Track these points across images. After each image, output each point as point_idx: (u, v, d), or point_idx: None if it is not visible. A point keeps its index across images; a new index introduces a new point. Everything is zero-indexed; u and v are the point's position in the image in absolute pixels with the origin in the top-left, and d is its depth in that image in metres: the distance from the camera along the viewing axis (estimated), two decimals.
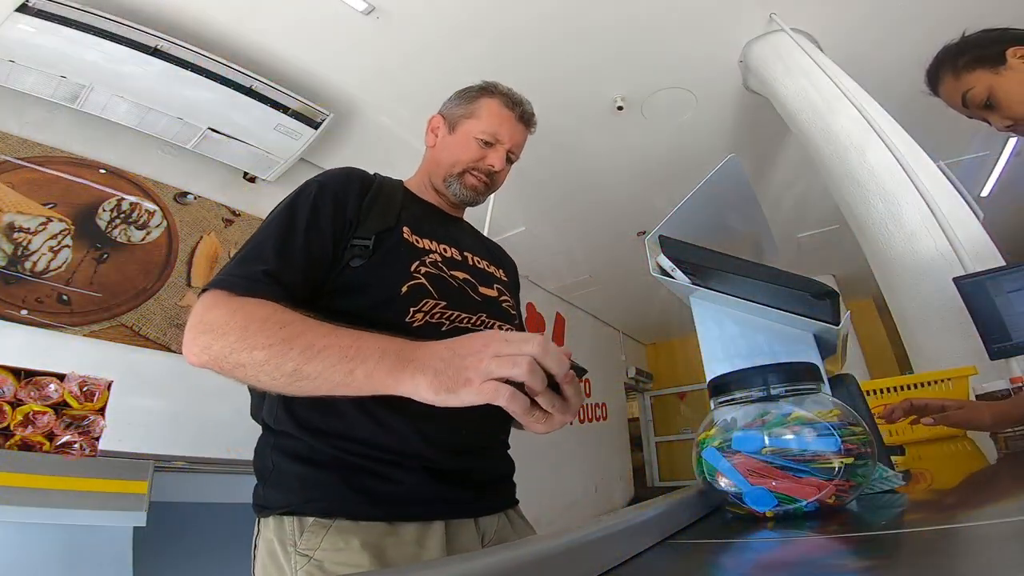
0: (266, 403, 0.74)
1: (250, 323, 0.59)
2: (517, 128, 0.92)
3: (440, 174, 0.91)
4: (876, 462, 0.47)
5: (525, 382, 0.48)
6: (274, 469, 0.70)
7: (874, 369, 5.68)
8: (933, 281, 1.75)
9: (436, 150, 0.94)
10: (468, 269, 0.85)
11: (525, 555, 0.27)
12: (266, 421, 0.73)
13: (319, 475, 0.67)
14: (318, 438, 0.69)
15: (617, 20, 2.53)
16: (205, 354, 0.60)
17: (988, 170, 3.84)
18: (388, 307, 0.73)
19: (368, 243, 0.75)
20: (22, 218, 2.11)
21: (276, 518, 0.66)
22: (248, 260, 0.70)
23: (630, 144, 3.42)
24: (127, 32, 2.11)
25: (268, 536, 0.66)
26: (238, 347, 0.57)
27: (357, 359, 0.54)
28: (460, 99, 0.94)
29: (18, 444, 1.30)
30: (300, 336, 0.57)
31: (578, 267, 5.22)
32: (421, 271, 0.77)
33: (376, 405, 0.67)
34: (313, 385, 0.56)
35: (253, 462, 0.74)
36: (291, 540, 0.64)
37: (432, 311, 0.75)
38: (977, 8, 2.26)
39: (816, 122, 2.31)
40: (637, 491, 6.94)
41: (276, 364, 0.56)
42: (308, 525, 0.64)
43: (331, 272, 0.74)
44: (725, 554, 0.39)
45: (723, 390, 0.52)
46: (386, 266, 0.76)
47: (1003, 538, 0.31)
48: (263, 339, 0.57)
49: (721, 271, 0.66)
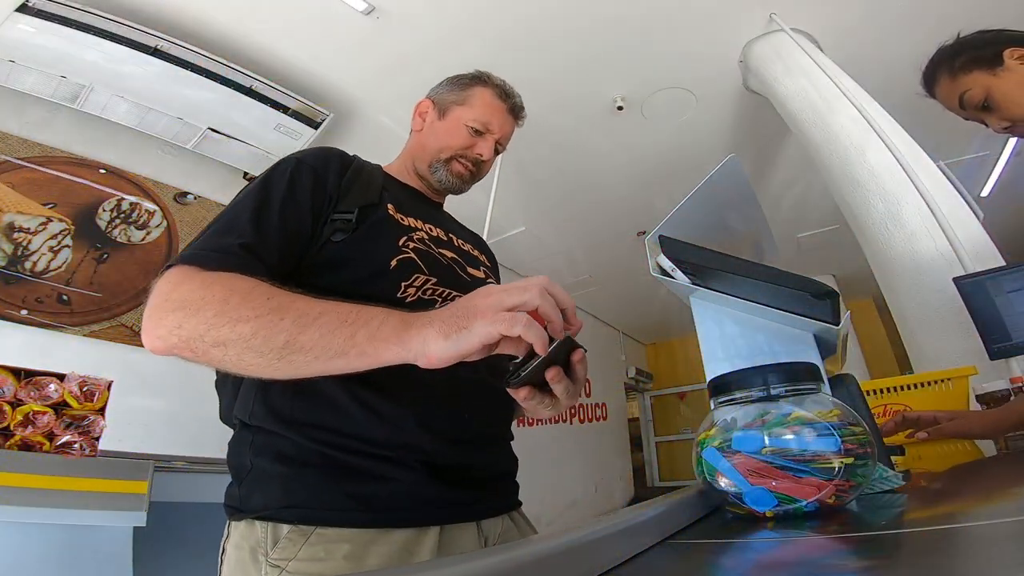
0: (239, 399, 0.66)
1: (231, 295, 0.53)
2: (507, 120, 0.91)
3: (426, 159, 0.89)
4: (876, 462, 0.47)
5: (539, 306, 0.48)
6: (252, 469, 0.62)
7: (874, 369, 5.68)
8: (933, 281, 1.75)
9: (423, 135, 0.91)
10: (455, 250, 0.82)
11: (525, 555, 0.27)
12: (240, 419, 0.66)
13: (302, 476, 0.60)
14: (301, 433, 0.62)
15: (617, 20, 2.53)
16: (174, 336, 0.52)
17: (988, 170, 3.84)
18: (377, 282, 0.68)
19: (351, 216, 0.70)
20: (22, 218, 2.11)
21: (248, 522, 0.60)
22: (220, 234, 0.63)
23: (630, 144, 3.42)
24: (127, 32, 2.11)
25: (238, 542, 0.60)
26: (218, 322, 0.51)
27: (358, 323, 0.51)
28: (452, 85, 0.92)
29: (18, 444, 1.30)
30: (291, 305, 0.52)
31: (578, 267, 5.22)
32: (409, 246, 0.73)
33: (368, 391, 0.62)
34: (306, 359, 0.51)
35: (227, 460, 0.67)
36: (263, 548, 0.57)
37: (424, 287, 0.71)
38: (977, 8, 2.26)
39: (816, 122, 2.31)
40: (637, 491, 6.95)
41: (265, 337, 0.50)
42: (284, 533, 0.57)
43: (310, 248, 0.68)
44: (725, 554, 0.39)
45: (723, 390, 0.52)
46: (372, 240, 0.71)
47: (1003, 538, 0.31)
48: (248, 311, 0.51)
49: (721, 271, 0.66)
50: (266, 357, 0.50)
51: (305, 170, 0.72)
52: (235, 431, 0.67)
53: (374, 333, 0.50)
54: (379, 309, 0.52)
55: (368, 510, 0.59)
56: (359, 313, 0.51)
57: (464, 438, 0.68)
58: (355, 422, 0.62)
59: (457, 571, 0.23)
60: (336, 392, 0.62)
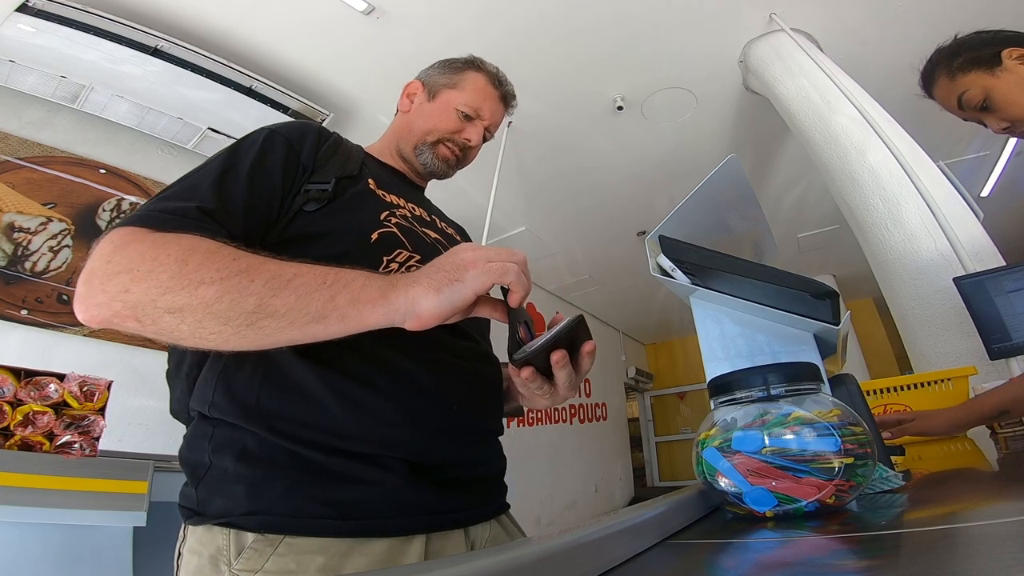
0: (197, 389, 0.59)
1: (190, 256, 0.46)
2: (499, 107, 0.89)
3: (412, 140, 0.85)
4: (876, 462, 0.47)
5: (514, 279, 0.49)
6: (211, 467, 0.55)
7: (874, 369, 5.69)
8: (933, 281, 1.75)
9: (410, 115, 0.88)
10: (438, 231, 0.79)
11: (525, 555, 0.27)
12: (198, 410, 0.58)
13: (269, 479, 0.53)
14: (268, 427, 0.54)
15: (617, 20, 2.53)
16: (118, 301, 0.45)
17: (988, 170, 3.84)
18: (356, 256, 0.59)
19: (327, 186, 0.65)
20: (22, 218, 2.11)
21: (208, 528, 0.53)
22: (177, 197, 0.55)
23: (630, 144, 3.42)
24: (127, 32, 2.11)
25: (195, 547, 0.53)
26: (175, 285, 0.45)
27: (338, 285, 0.47)
28: (444, 68, 0.90)
29: (18, 444, 1.30)
30: (261, 267, 0.47)
31: (578, 267, 5.22)
32: (391, 221, 0.68)
33: (343, 378, 0.56)
34: (279, 325, 0.46)
35: (180, 456, 0.59)
36: (224, 558, 0.51)
37: (407, 263, 0.65)
38: (977, 8, 2.27)
39: (816, 122, 2.32)
40: (637, 491, 6.95)
41: (232, 301, 0.45)
42: (249, 542, 0.51)
43: (278, 222, 0.62)
44: (725, 554, 0.39)
45: (723, 390, 0.52)
46: (351, 211, 0.65)
47: (1003, 538, 0.31)
48: (212, 272, 0.45)
49: (721, 271, 0.66)
50: (231, 324, 0.45)
51: (278, 140, 0.66)
52: (191, 425, 0.60)
53: (356, 295, 0.47)
54: (358, 271, 0.49)
55: (344, 518, 0.53)
56: (337, 275, 0.48)
57: (451, 432, 0.61)
58: (329, 414, 0.55)
59: (457, 571, 0.23)
60: (308, 379, 0.56)
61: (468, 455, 0.64)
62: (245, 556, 0.50)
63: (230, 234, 0.53)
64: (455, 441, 0.62)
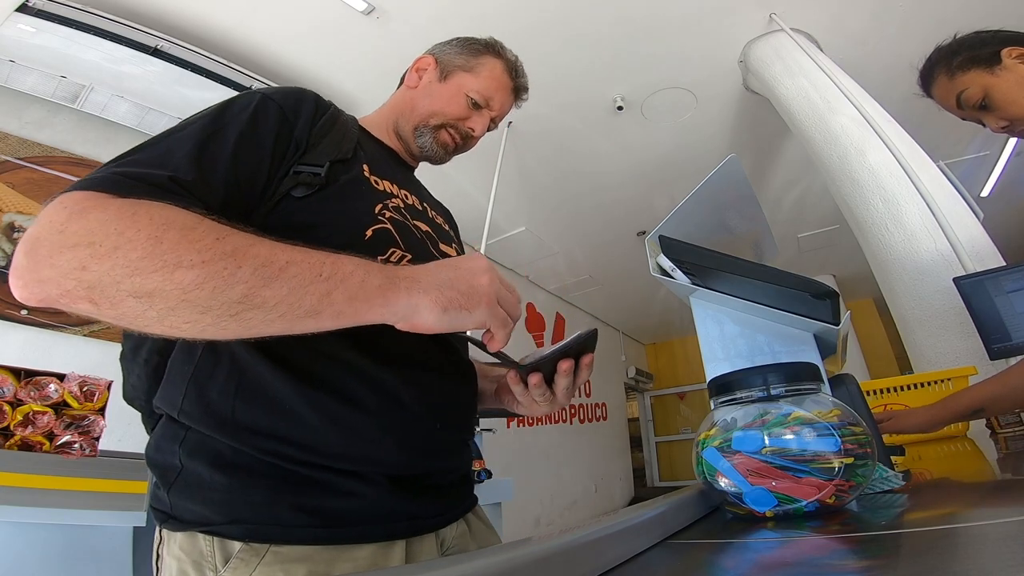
0: (164, 387, 0.55)
1: (165, 232, 0.40)
2: (509, 99, 0.85)
3: (412, 120, 0.80)
4: (876, 462, 0.47)
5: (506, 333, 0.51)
6: (183, 471, 0.52)
7: (874, 369, 5.69)
8: (933, 281, 1.75)
9: (416, 93, 0.82)
10: (428, 222, 0.75)
11: (525, 555, 0.27)
12: (165, 411, 0.55)
13: (247, 488, 0.51)
14: (243, 440, 0.51)
15: (617, 21, 2.53)
16: (70, 279, 0.38)
17: (988, 170, 3.84)
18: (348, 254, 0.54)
19: (319, 171, 0.59)
20: (22, 218, 2.11)
21: (189, 535, 0.50)
22: (147, 163, 0.48)
23: (630, 144, 3.42)
24: (127, 32, 2.11)
25: (177, 554, 0.50)
26: (146, 267, 0.38)
27: (335, 278, 0.43)
28: (462, 48, 0.84)
29: (18, 444, 1.30)
30: (248, 250, 0.42)
31: (578, 267, 5.22)
32: (385, 215, 0.64)
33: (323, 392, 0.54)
34: (267, 318, 0.41)
35: (147, 455, 0.55)
36: (210, 565, 0.49)
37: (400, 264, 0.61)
38: (977, 8, 2.27)
39: (816, 122, 2.32)
40: (637, 491, 6.95)
41: (215, 288, 0.39)
42: (236, 551, 0.49)
43: (262, 204, 0.56)
44: (725, 554, 0.39)
45: (723, 390, 0.52)
46: (345, 202, 0.61)
47: (1003, 538, 0.31)
48: (192, 253, 0.39)
49: (721, 271, 0.66)
50: (211, 314, 0.40)
51: (272, 108, 0.59)
52: (158, 425, 0.57)
53: (355, 292, 0.44)
54: (355, 261, 0.46)
55: (328, 526, 0.51)
56: (335, 265, 0.44)
57: (433, 448, 0.60)
58: (308, 429, 0.52)
59: (458, 571, 0.23)
60: (286, 392, 0.53)
61: (444, 464, 0.64)
62: (232, 565, 0.48)
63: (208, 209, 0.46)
64: (437, 455, 0.61)
